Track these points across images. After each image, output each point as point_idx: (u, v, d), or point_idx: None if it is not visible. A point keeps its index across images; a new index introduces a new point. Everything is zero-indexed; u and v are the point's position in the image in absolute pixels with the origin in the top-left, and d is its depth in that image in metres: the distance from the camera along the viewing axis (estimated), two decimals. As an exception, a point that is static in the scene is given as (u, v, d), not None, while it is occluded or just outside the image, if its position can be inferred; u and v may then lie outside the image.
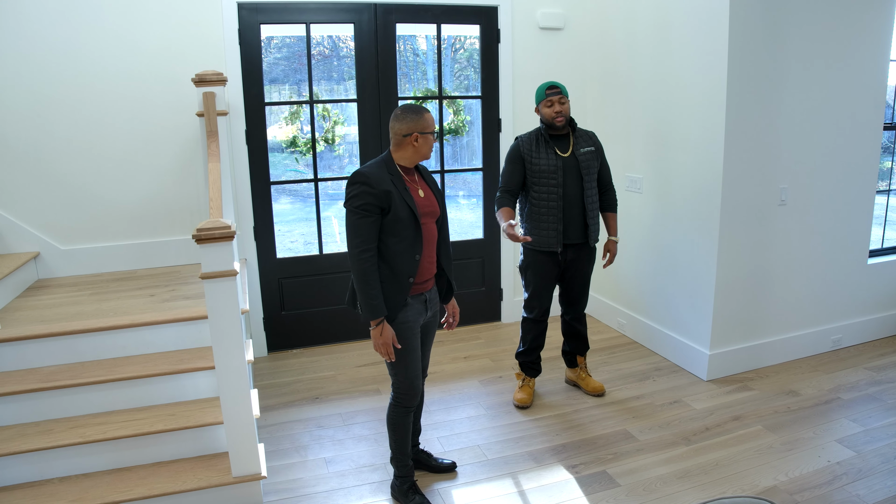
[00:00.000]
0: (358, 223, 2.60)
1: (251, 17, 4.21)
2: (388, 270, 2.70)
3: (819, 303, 4.45)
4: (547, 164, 3.56)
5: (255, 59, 4.28)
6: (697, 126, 4.01)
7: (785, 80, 3.93)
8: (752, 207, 4.01)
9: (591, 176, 3.64)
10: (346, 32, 5.22)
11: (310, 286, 4.76)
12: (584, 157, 3.62)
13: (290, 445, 3.48)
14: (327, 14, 4.39)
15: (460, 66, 8.23)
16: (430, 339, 3.06)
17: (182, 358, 3.22)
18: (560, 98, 3.55)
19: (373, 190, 2.58)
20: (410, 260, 2.72)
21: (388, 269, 2.70)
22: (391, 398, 2.91)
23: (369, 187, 2.58)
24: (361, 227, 2.60)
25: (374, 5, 4.46)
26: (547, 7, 4.89)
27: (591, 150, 3.67)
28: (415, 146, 2.71)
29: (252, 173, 4.43)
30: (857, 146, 4.32)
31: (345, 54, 7.57)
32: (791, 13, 3.86)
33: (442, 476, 3.21)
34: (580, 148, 3.64)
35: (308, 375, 4.35)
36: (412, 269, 2.74)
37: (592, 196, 3.66)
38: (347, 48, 7.49)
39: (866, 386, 4.04)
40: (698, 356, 4.19)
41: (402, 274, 2.71)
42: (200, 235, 2.58)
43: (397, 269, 2.70)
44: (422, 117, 2.69)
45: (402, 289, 2.73)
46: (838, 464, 3.23)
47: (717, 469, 3.19)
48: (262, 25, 4.26)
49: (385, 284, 2.70)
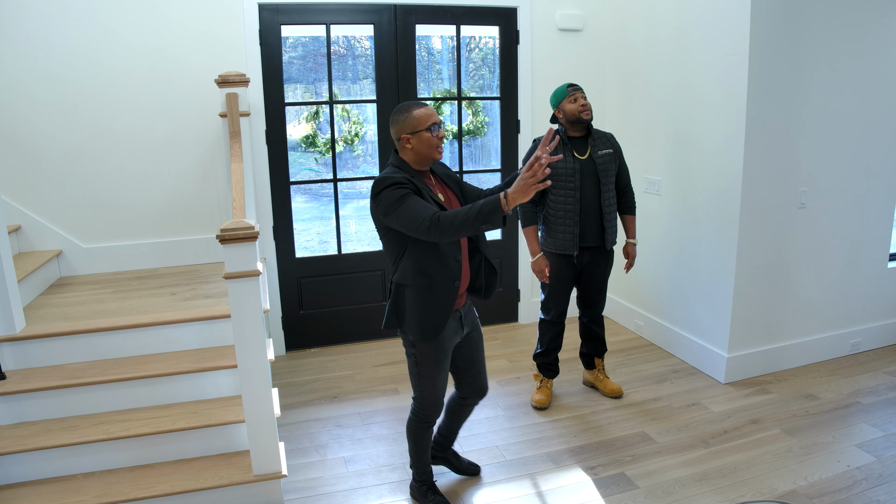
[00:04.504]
0: (408, 205, 2.36)
1: (272, 17, 4.25)
2: (428, 281, 2.52)
3: (838, 306, 4.42)
4: (564, 168, 3.55)
5: (276, 59, 4.31)
6: (717, 128, 4.00)
7: (806, 82, 3.91)
8: (771, 210, 4.00)
9: (608, 179, 3.63)
10: (363, 32, 5.25)
11: (328, 286, 4.79)
12: (601, 160, 3.61)
13: (310, 444, 3.51)
14: (347, 15, 4.41)
15: (475, 66, 8.23)
16: (481, 355, 2.91)
17: (204, 356, 3.25)
18: (582, 94, 3.56)
19: (404, 185, 2.41)
20: (452, 262, 2.56)
21: (426, 280, 2.52)
22: (412, 410, 2.82)
23: (398, 185, 2.40)
24: (413, 204, 2.36)
25: (393, 6, 4.48)
26: (566, 8, 4.89)
27: (609, 153, 3.65)
28: (409, 148, 2.53)
29: (272, 173, 4.46)
30: (878, 149, 4.29)
31: (360, 53, 7.61)
32: (812, 15, 3.84)
33: (462, 477, 3.22)
34: (598, 150, 3.63)
35: (326, 374, 4.38)
36: (456, 272, 2.57)
37: (610, 199, 3.65)
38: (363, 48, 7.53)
39: (886, 391, 4.02)
40: (716, 359, 4.18)
41: (445, 280, 2.54)
42: (224, 236, 2.61)
43: (438, 275, 2.53)
44: (408, 115, 2.50)
45: (447, 299, 2.56)
46: (858, 469, 3.21)
47: (736, 472, 3.19)
48: (283, 26, 4.29)
49: (425, 300, 2.53)
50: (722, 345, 4.14)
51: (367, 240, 7.72)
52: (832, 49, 3.95)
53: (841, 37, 3.96)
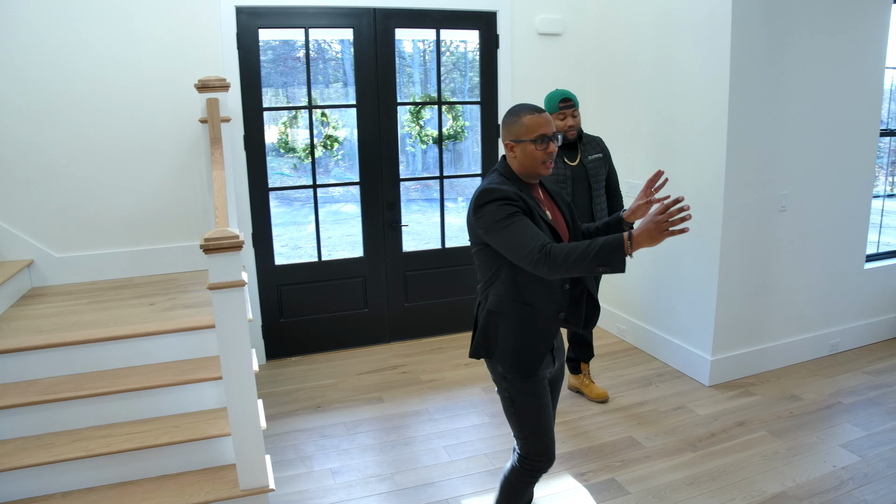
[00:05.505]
0: (516, 227, 2.07)
1: (249, 21, 4.17)
2: (528, 311, 2.22)
3: (818, 307, 4.47)
4: (556, 175, 3.54)
5: (254, 63, 4.24)
6: (699, 132, 4.02)
7: (786, 86, 3.95)
8: (753, 213, 4.03)
9: (599, 184, 3.63)
10: (342, 36, 5.19)
11: (309, 293, 4.72)
12: (592, 165, 3.61)
13: (295, 456, 3.44)
14: (327, 18, 4.35)
15: (446, 69, 8.20)
16: (557, 395, 2.55)
17: (185, 368, 3.17)
18: (573, 111, 3.54)
19: (513, 201, 2.11)
20: (558, 290, 2.24)
21: (526, 309, 2.21)
22: (515, 461, 2.40)
23: (507, 201, 2.10)
24: (521, 227, 2.06)
25: (373, 10, 4.43)
26: (546, 13, 4.88)
27: (598, 157, 3.65)
28: (512, 157, 2.23)
29: (250, 179, 4.39)
30: (855, 152, 4.35)
31: (331, 57, 7.57)
32: (792, 21, 3.88)
33: (450, 486, 3.18)
34: (588, 155, 3.63)
35: (309, 384, 4.31)
36: (562, 303, 2.25)
37: (601, 203, 3.65)
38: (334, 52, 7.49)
39: (866, 390, 4.07)
40: (700, 362, 4.19)
41: (548, 310, 2.23)
42: (209, 245, 2.54)
43: (541, 305, 2.22)
44: (516, 121, 2.19)
45: (549, 332, 2.26)
46: (844, 469, 3.24)
47: (725, 475, 3.19)
48: (261, 30, 4.22)
49: (524, 331, 2.23)
50: (706, 348, 4.15)
51: (343, 245, 7.65)
52: (811, 54, 3.99)
53: (819, 42, 4.01)
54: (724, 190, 3.89)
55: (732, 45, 3.72)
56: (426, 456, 3.44)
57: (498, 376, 2.33)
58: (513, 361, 2.25)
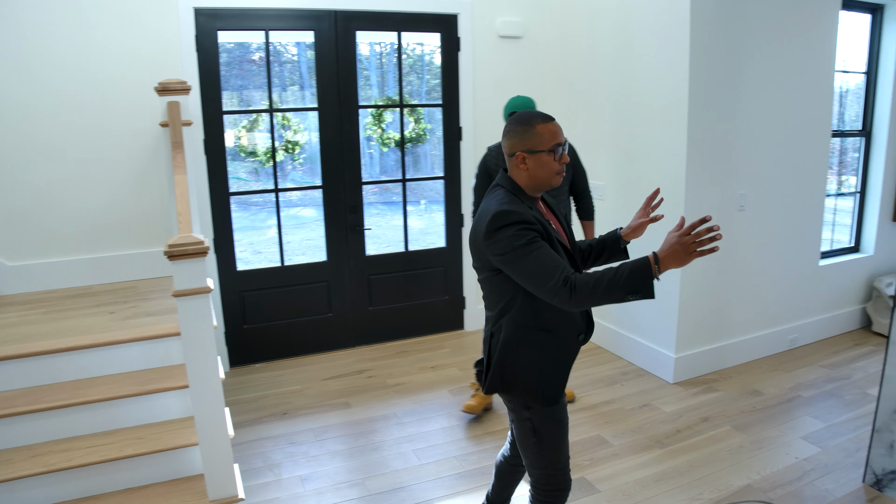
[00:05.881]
0: (537, 255, 1.92)
1: (209, 23, 4.10)
2: (549, 338, 2.10)
3: (776, 304, 4.58)
4: None
5: (213, 66, 4.17)
6: (660, 133, 4.08)
7: (743, 89, 4.05)
8: (713, 213, 4.08)
9: (561, 188, 3.61)
10: (302, 39, 5.14)
11: (272, 299, 4.65)
12: None
13: (263, 464, 3.39)
14: (287, 21, 4.30)
15: (404, 72, 8.21)
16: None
17: (149, 378, 3.09)
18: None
19: (532, 225, 1.95)
20: (578, 313, 2.14)
21: (548, 337, 2.10)
22: (538, 492, 2.27)
23: (527, 225, 1.94)
24: (543, 256, 1.92)
25: (334, 12, 4.40)
26: (506, 15, 4.91)
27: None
28: (523, 169, 2.05)
29: (211, 184, 4.31)
30: (809, 152, 4.48)
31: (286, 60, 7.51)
32: (747, 25, 3.97)
33: (421, 490, 3.16)
34: None
35: (274, 390, 4.24)
36: (581, 325, 2.17)
37: (563, 208, 3.64)
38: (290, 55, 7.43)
39: (823, 383, 4.18)
40: (664, 360, 4.25)
41: (569, 335, 2.14)
42: (173, 252, 2.48)
43: (562, 330, 2.11)
44: (530, 130, 2.02)
45: (570, 357, 2.17)
46: (805, 460, 3.33)
47: (693, 471, 3.25)
48: (220, 32, 4.15)
49: (546, 360, 2.11)
50: (669, 346, 4.22)
51: (303, 250, 7.57)
52: (766, 58, 4.10)
53: (774, 46, 4.11)
54: (685, 189, 3.96)
55: (691, 49, 3.79)
56: (396, 460, 3.42)
57: (519, 407, 2.17)
58: (539, 393, 2.12)
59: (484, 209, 2.05)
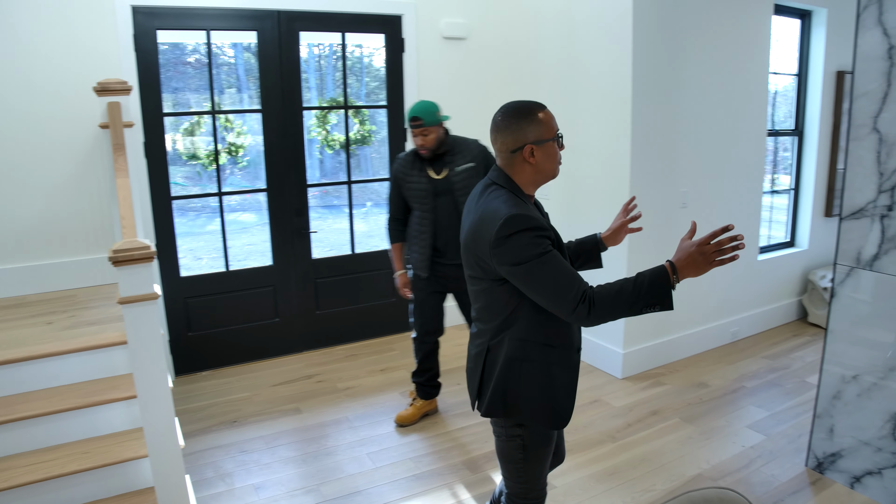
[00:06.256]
0: (553, 267, 1.79)
1: (147, 22, 3.98)
2: (554, 354, 1.95)
3: (718, 298, 4.72)
4: (418, 188, 3.43)
5: (153, 66, 4.04)
6: (604, 133, 4.15)
7: (683, 90, 4.16)
8: (657, 210, 4.20)
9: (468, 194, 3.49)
10: (245, 39, 5.05)
11: (217, 305, 4.54)
12: (459, 177, 3.39)
13: (214, 474, 3.30)
14: (229, 21, 4.21)
15: (341, 73, 8.15)
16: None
17: (93, 389, 2.98)
18: (423, 130, 3.30)
19: (545, 231, 1.82)
20: (576, 326, 2.03)
21: (553, 352, 1.95)
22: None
23: (540, 232, 1.81)
24: (559, 268, 1.79)
25: (277, 13, 4.33)
26: (451, 17, 4.92)
27: (470, 167, 3.40)
28: (532, 163, 1.89)
29: (152, 188, 4.18)
30: (746, 151, 4.63)
31: (223, 62, 7.36)
32: (687, 27, 4.08)
33: (378, 493, 3.13)
34: (456, 166, 3.40)
35: (222, 398, 4.14)
36: (579, 338, 2.05)
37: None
38: (227, 56, 7.30)
39: (765, 373, 4.32)
40: (612, 355, 4.33)
41: (570, 349, 2.00)
42: (118, 257, 2.40)
43: (564, 345, 1.97)
44: (533, 119, 1.87)
45: (575, 373, 2.02)
46: (752, 448, 3.43)
47: (645, 463, 3.31)
48: (160, 31, 4.03)
49: (551, 378, 1.95)
50: (617, 342, 4.29)
51: (244, 255, 7.44)
52: (705, 59, 4.22)
53: (713, 48, 4.24)
54: (629, 188, 4.03)
55: (634, 50, 3.87)
56: (350, 464, 3.38)
57: (512, 425, 2.02)
58: (549, 417, 1.98)
59: (487, 212, 1.87)
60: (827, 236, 5.40)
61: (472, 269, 1.97)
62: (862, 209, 2.86)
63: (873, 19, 2.73)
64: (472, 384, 2.07)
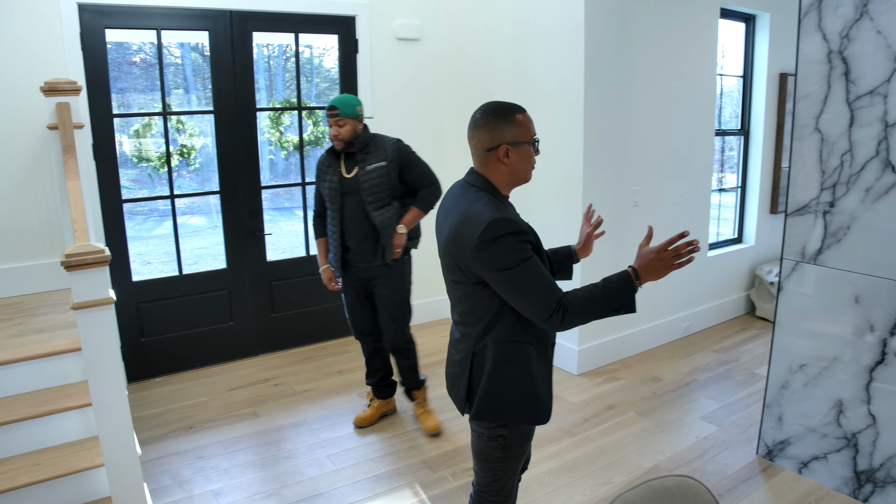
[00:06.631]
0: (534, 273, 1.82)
1: (95, 20, 3.88)
2: (533, 352, 1.98)
3: (670, 294, 4.83)
4: (329, 186, 3.40)
5: (101, 66, 3.95)
6: (558, 134, 4.21)
7: (634, 91, 4.25)
8: (609, 209, 4.27)
9: (376, 196, 3.34)
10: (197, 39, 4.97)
11: (170, 309, 4.46)
12: (368, 177, 3.32)
13: (172, 481, 3.24)
14: (180, 20, 4.14)
15: (291, 75, 8.09)
16: None
17: (43, 399, 2.89)
18: (338, 121, 3.24)
19: (527, 234, 1.86)
20: None
21: (532, 350, 1.98)
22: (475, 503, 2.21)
23: (523, 236, 1.83)
24: (537, 275, 1.83)
25: (230, 12, 4.27)
26: (404, 18, 4.93)
27: (380, 167, 3.33)
28: (506, 164, 1.92)
29: (101, 191, 4.08)
30: (695, 150, 4.76)
31: (169, 63, 7.19)
32: (637, 29, 4.17)
33: (339, 495, 3.12)
34: (367, 165, 3.32)
35: (178, 404, 4.07)
36: (553, 334, 2.06)
37: (384, 214, 3.36)
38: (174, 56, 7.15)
39: (717, 366, 4.45)
40: (568, 353, 4.40)
41: (546, 346, 2.04)
42: (71, 262, 2.35)
43: (541, 343, 2.00)
44: (512, 119, 1.90)
45: (551, 369, 2.07)
46: (705, 438, 3.54)
47: (602, 456, 3.38)
48: (108, 30, 3.94)
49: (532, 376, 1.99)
50: (572, 339, 4.36)
51: (194, 258, 7.31)
52: (655, 61, 4.32)
53: (662, 51, 4.34)
54: (582, 187, 4.11)
55: (586, 53, 3.94)
56: (311, 467, 3.36)
57: (495, 425, 2.04)
58: (534, 413, 2.02)
59: (469, 214, 1.87)
60: (773, 233, 5.58)
61: (454, 272, 1.97)
62: (806, 206, 2.97)
63: (813, 25, 2.84)
64: (459, 389, 2.07)
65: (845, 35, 2.74)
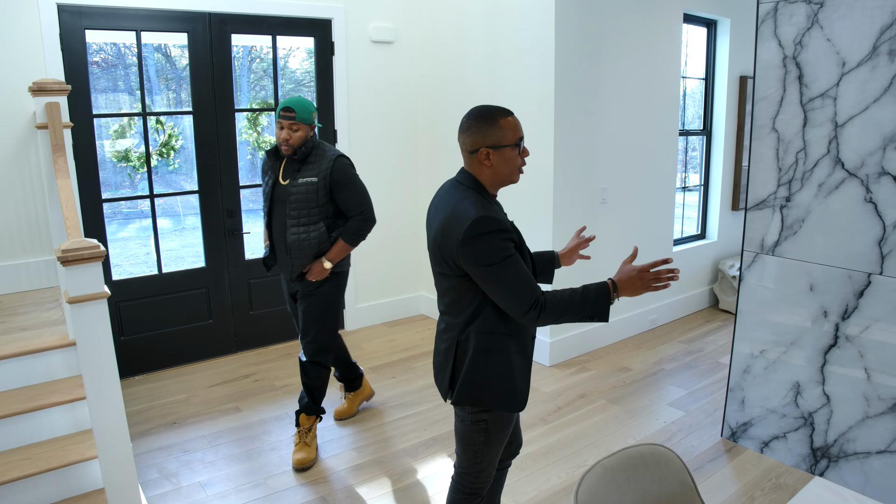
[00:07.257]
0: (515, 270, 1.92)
1: (74, 21, 3.92)
2: (514, 343, 2.09)
3: (637, 288, 5.01)
4: (264, 190, 3.36)
5: (81, 67, 3.98)
6: (529, 133, 4.33)
7: (602, 92, 4.42)
8: (579, 206, 4.44)
9: (299, 209, 3.18)
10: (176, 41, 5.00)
11: (150, 308, 4.50)
12: (296, 189, 3.17)
13: (159, 474, 3.31)
14: (160, 22, 4.19)
15: (256, 76, 8.11)
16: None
17: (31, 395, 2.94)
18: (292, 124, 3.11)
19: (510, 233, 1.96)
20: None
21: (513, 341, 2.08)
22: (460, 486, 2.27)
23: (506, 234, 1.94)
24: (518, 273, 1.93)
25: (208, 15, 4.34)
26: (378, 21, 5.04)
27: (310, 182, 3.16)
28: (487, 165, 2.01)
29: (81, 191, 4.11)
30: (660, 150, 4.95)
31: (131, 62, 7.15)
32: (605, 31, 4.35)
33: (324, 484, 3.22)
34: (300, 178, 3.17)
35: (160, 401, 4.12)
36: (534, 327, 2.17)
37: (299, 231, 3.21)
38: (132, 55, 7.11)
39: (682, 356, 4.65)
40: (540, 345, 4.54)
41: (527, 337, 2.15)
42: (67, 257, 2.42)
43: (522, 333, 2.11)
44: (493, 124, 1.98)
45: (530, 362, 2.18)
46: (673, 423, 3.72)
47: (576, 442, 3.53)
48: (88, 31, 3.98)
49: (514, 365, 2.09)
50: (544, 331, 4.51)
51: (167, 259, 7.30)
52: (622, 64, 4.50)
53: (629, 53, 4.53)
54: (553, 185, 4.26)
55: (556, 55, 4.10)
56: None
57: (477, 410, 2.13)
58: (510, 401, 2.11)
59: (456, 211, 1.97)
60: (734, 229, 5.82)
61: (441, 265, 2.07)
62: (764, 200, 3.16)
63: (770, 31, 3.04)
64: (443, 377, 2.18)
65: (798, 42, 2.94)
